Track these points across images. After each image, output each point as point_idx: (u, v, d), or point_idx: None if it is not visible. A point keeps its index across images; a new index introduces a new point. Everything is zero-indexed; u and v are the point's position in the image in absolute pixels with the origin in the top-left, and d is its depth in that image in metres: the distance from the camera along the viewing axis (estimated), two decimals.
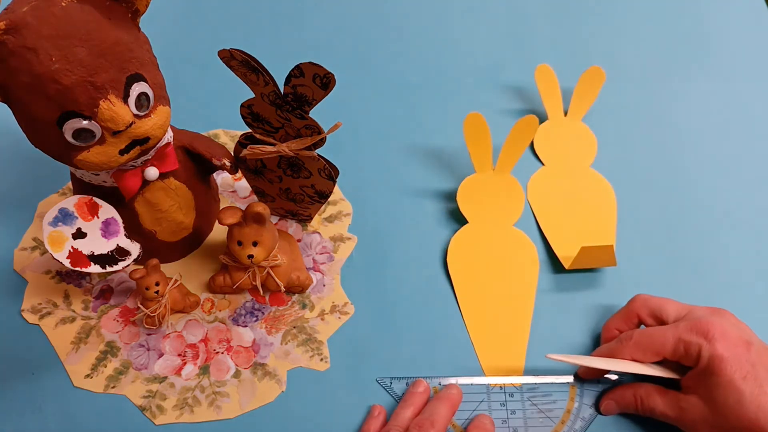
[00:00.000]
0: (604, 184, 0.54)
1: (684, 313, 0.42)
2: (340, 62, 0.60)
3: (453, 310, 0.47)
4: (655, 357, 0.40)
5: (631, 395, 0.42)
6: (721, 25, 0.66)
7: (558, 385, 0.44)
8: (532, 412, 0.43)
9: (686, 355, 0.39)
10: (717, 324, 0.39)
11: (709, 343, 0.38)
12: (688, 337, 0.39)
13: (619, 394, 0.42)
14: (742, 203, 0.53)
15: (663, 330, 0.40)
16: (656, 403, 0.40)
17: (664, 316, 0.42)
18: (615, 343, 0.42)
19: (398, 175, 0.54)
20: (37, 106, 0.33)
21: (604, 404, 0.43)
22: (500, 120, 0.56)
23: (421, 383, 0.43)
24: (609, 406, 0.43)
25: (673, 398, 0.40)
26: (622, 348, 0.41)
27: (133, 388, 0.43)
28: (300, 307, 0.47)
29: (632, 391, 0.42)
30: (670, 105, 0.60)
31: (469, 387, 0.44)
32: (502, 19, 0.66)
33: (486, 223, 0.51)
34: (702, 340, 0.38)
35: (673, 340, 0.39)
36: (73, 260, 0.39)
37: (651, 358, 0.41)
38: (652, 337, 0.40)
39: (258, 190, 0.49)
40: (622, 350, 0.41)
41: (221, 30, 0.64)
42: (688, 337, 0.39)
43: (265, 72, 0.38)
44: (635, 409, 0.42)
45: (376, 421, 0.42)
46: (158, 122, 0.37)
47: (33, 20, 0.32)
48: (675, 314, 0.42)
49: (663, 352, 0.40)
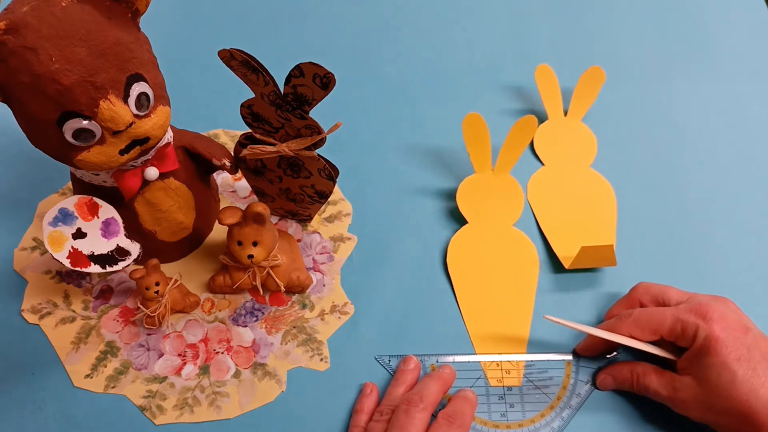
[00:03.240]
0: (604, 184, 0.54)
1: (685, 299, 0.42)
2: (340, 62, 0.60)
3: (453, 310, 0.47)
4: (652, 335, 0.41)
5: (628, 372, 0.42)
6: (721, 25, 0.66)
7: (554, 362, 0.45)
8: (528, 388, 0.44)
9: (683, 335, 0.39)
10: (716, 307, 0.39)
11: (707, 323, 0.38)
12: (686, 317, 0.39)
13: (616, 369, 0.43)
14: (742, 203, 0.53)
15: (662, 310, 0.41)
16: (651, 381, 0.41)
17: (666, 302, 0.43)
18: (615, 320, 0.43)
19: (398, 175, 0.54)
20: (37, 106, 0.33)
21: (600, 378, 0.43)
22: (500, 120, 0.56)
23: (412, 360, 0.44)
24: (605, 381, 0.43)
25: (668, 378, 0.40)
26: (621, 324, 0.42)
27: (133, 388, 0.43)
28: (300, 307, 0.47)
29: (629, 368, 0.42)
30: (670, 105, 0.60)
31: (465, 364, 0.45)
32: (501, 19, 0.66)
33: (486, 223, 0.51)
34: (700, 321, 0.39)
35: (671, 319, 0.40)
36: (73, 260, 0.39)
37: (649, 337, 0.41)
38: (651, 316, 0.41)
39: (258, 190, 0.49)
40: (620, 326, 0.42)
41: (221, 30, 0.64)
42: (686, 317, 0.39)
43: (265, 72, 0.38)
44: (630, 385, 0.42)
45: (368, 399, 0.42)
46: (158, 122, 0.37)
47: (33, 20, 0.32)
48: (676, 300, 0.43)
49: (660, 331, 0.40)
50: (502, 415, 0.43)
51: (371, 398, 0.42)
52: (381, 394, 0.43)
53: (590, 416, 0.43)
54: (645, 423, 0.43)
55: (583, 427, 0.43)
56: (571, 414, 0.43)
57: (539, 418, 0.43)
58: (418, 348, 0.46)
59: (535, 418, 0.43)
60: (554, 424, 0.42)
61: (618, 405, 0.43)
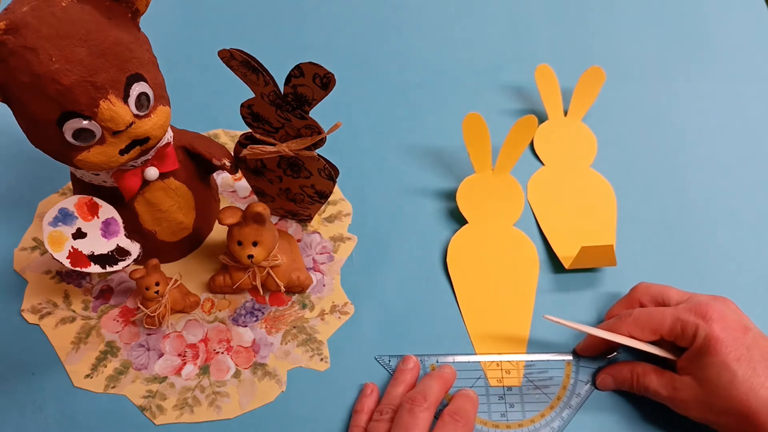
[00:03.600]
0: (604, 184, 0.54)
1: (685, 298, 0.42)
2: (340, 62, 0.60)
3: (453, 310, 0.47)
4: (652, 335, 0.41)
5: (628, 372, 0.42)
6: (722, 25, 0.66)
7: (554, 362, 0.45)
8: (528, 388, 0.44)
9: (683, 335, 0.39)
10: (716, 307, 0.39)
11: (706, 323, 0.38)
12: (686, 317, 0.39)
13: (616, 369, 0.43)
14: (742, 203, 0.53)
15: (662, 309, 0.41)
16: (651, 381, 0.41)
17: (666, 302, 0.43)
18: (614, 320, 0.43)
19: (398, 175, 0.54)
20: (37, 106, 0.33)
21: (600, 378, 0.43)
22: (500, 120, 0.56)
23: (411, 359, 0.44)
24: (605, 381, 0.43)
25: (668, 378, 0.40)
26: (621, 324, 0.42)
27: (133, 388, 0.43)
28: (300, 307, 0.47)
29: (629, 368, 0.42)
30: (671, 105, 0.60)
31: (465, 364, 0.45)
32: (502, 19, 0.66)
33: (486, 223, 0.51)
34: (699, 320, 0.39)
35: (671, 319, 0.40)
36: (73, 260, 0.39)
37: (648, 337, 0.41)
38: (651, 316, 0.41)
39: (258, 190, 0.49)
40: (620, 327, 0.42)
41: (221, 30, 0.64)
42: (686, 317, 0.39)
43: (265, 72, 0.38)
44: (630, 385, 0.42)
45: (369, 399, 0.42)
46: (158, 122, 0.37)
47: (33, 20, 0.32)
48: (676, 300, 0.43)
49: (660, 331, 0.40)
50: (502, 415, 0.43)
51: (371, 398, 0.42)
52: (381, 394, 0.43)
53: (590, 416, 0.43)
54: (645, 423, 0.43)
55: (583, 427, 0.43)
56: (571, 414, 0.43)
57: (539, 418, 0.43)
58: (418, 348, 0.46)
59: (535, 418, 0.43)
60: (554, 424, 0.42)
61: (618, 405, 0.43)
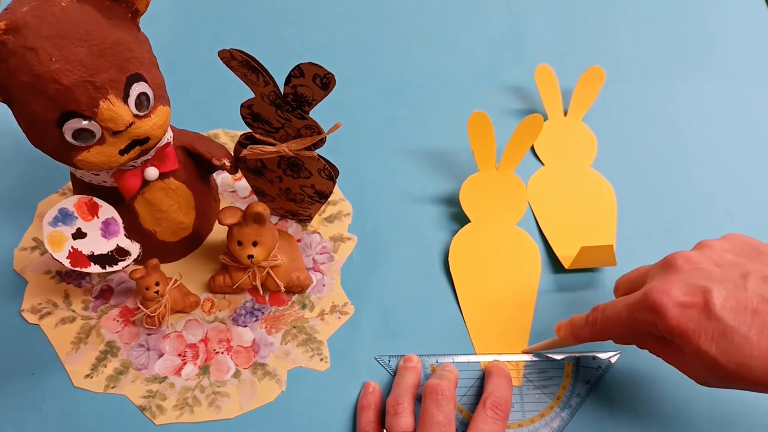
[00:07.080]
0: (604, 184, 0.54)
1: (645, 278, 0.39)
2: (340, 62, 0.60)
3: (453, 310, 0.47)
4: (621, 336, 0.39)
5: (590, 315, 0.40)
6: (722, 25, 0.66)
7: (554, 362, 0.45)
8: (528, 388, 0.44)
9: (648, 330, 0.36)
10: (662, 291, 0.35)
11: (659, 317, 0.34)
12: (640, 316, 0.36)
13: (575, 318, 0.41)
14: (742, 203, 0.53)
15: (617, 309, 0.38)
16: None
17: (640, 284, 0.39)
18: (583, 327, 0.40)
19: (398, 175, 0.54)
20: (37, 106, 0.33)
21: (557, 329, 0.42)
22: (500, 120, 0.56)
23: (413, 358, 0.44)
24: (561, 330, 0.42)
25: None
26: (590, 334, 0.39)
27: (133, 388, 0.43)
28: (300, 307, 0.47)
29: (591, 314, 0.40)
30: (671, 105, 0.60)
31: (465, 364, 0.45)
32: (501, 19, 0.66)
33: (488, 221, 0.51)
34: (654, 316, 0.35)
35: (628, 319, 0.37)
36: (73, 260, 0.39)
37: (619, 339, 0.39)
38: (609, 319, 0.38)
39: (258, 190, 0.49)
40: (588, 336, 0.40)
41: (221, 30, 0.64)
42: (641, 316, 0.36)
43: (265, 72, 0.38)
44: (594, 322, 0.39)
45: (373, 396, 0.43)
46: (158, 122, 0.37)
47: (33, 20, 0.32)
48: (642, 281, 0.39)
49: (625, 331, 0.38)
50: None
51: (375, 395, 0.43)
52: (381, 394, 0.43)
53: (590, 416, 0.43)
54: (645, 423, 0.43)
55: (583, 427, 0.43)
56: (571, 414, 0.43)
57: (539, 418, 0.43)
58: (418, 348, 0.46)
59: (535, 418, 0.43)
60: (554, 424, 0.42)
61: (618, 405, 0.43)
